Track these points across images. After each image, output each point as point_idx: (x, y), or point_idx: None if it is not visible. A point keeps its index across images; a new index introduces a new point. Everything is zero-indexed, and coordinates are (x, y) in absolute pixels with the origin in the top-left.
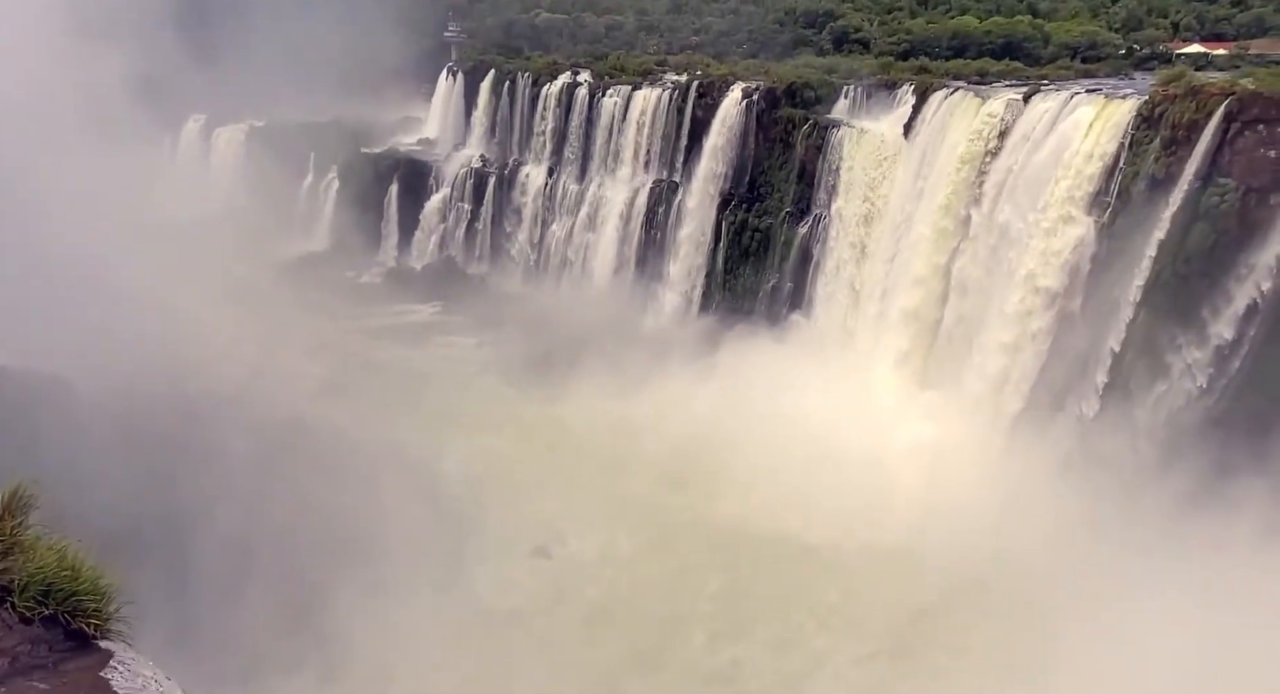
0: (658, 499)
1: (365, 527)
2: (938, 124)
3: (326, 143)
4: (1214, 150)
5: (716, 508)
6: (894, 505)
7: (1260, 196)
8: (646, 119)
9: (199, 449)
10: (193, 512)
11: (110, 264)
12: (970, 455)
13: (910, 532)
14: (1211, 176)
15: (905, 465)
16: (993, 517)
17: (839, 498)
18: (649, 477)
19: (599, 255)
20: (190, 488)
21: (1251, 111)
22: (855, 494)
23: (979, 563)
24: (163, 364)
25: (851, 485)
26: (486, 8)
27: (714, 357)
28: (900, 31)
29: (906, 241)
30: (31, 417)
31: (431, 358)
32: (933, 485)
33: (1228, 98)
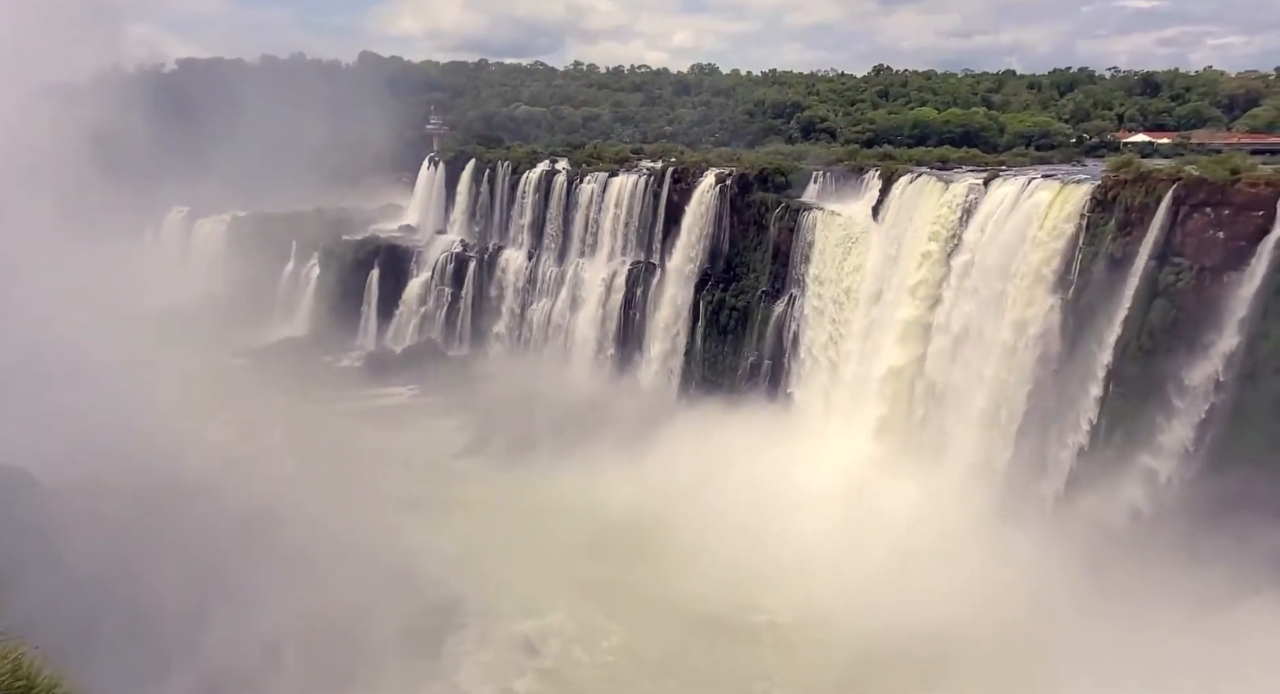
0: (635, 579)
1: (341, 620)
2: (904, 206)
3: (308, 231)
4: (1166, 231)
5: (695, 587)
6: (872, 580)
7: (1214, 275)
8: (623, 203)
9: (166, 542)
10: (158, 607)
11: (84, 354)
12: (947, 531)
13: (882, 605)
14: (1166, 256)
15: (884, 541)
16: (965, 591)
17: (821, 574)
18: (630, 556)
19: (578, 335)
20: (155, 583)
21: (1198, 196)
22: (839, 568)
23: (953, 637)
24: (132, 454)
25: (832, 560)
26: (468, 101)
27: (694, 434)
28: (864, 121)
29: (880, 319)
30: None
31: (409, 440)
32: (909, 561)
33: (1174, 183)
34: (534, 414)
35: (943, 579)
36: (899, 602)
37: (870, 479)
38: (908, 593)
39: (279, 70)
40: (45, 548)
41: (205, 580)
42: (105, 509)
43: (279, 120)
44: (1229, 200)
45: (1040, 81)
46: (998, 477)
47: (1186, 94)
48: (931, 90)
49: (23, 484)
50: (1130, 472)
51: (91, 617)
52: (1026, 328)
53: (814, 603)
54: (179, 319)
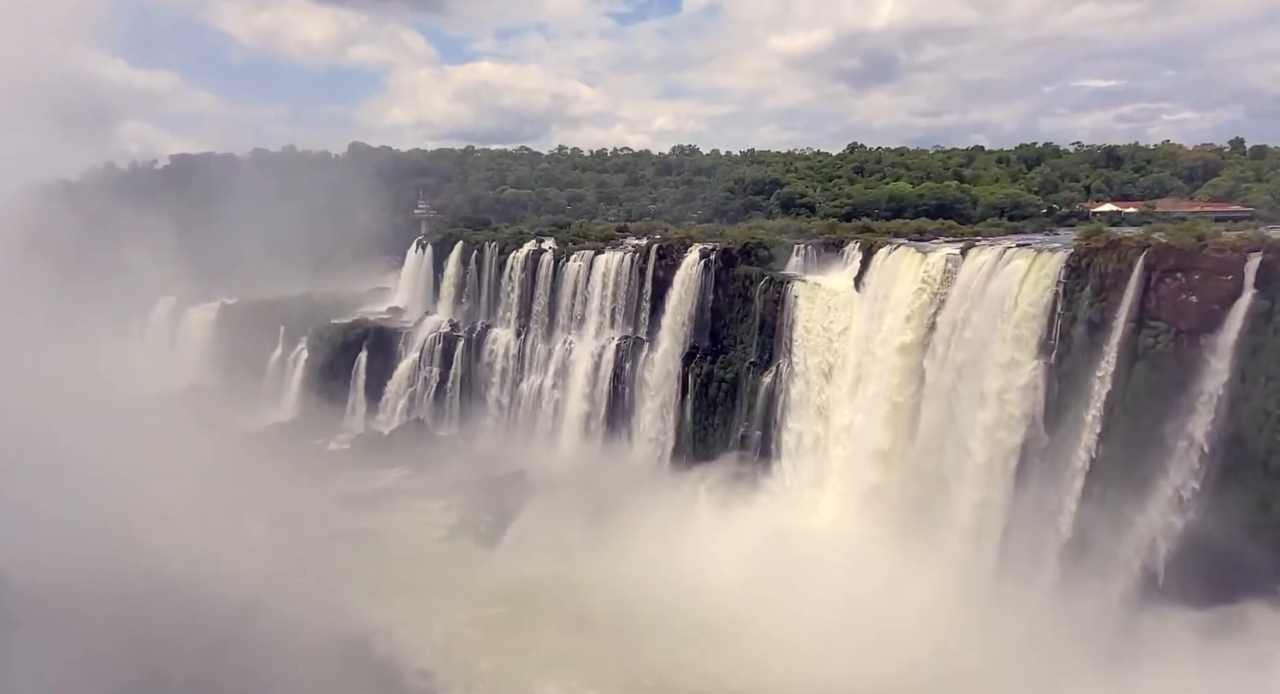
0: (626, 657)
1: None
2: (885, 276)
3: (296, 316)
4: (1141, 295)
5: (685, 663)
6: (865, 655)
7: (1191, 337)
8: (610, 280)
9: (146, 639)
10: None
11: (64, 447)
12: (942, 602)
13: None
14: (1143, 319)
15: (877, 616)
16: (961, 664)
17: (811, 652)
18: (620, 633)
19: (568, 411)
20: (133, 682)
21: (1168, 261)
22: (830, 644)
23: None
24: (113, 548)
25: (823, 636)
26: (455, 186)
27: (685, 508)
28: (841, 196)
29: (866, 389)
30: None
31: (398, 523)
32: (903, 636)
33: (1145, 249)
34: (523, 493)
35: (938, 651)
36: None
37: (863, 550)
38: (904, 670)
39: (270, 162)
40: (20, 647)
41: (185, 679)
42: (83, 607)
43: (269, 210)
44: (1198, 265)
45: (1008, 156)
46: (991, 544)
47: (1148, 165)
48: (905, 165)
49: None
50: (1125, 535)
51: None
52: (1012, 391)
53: (800, 681)
54: (166, 408)
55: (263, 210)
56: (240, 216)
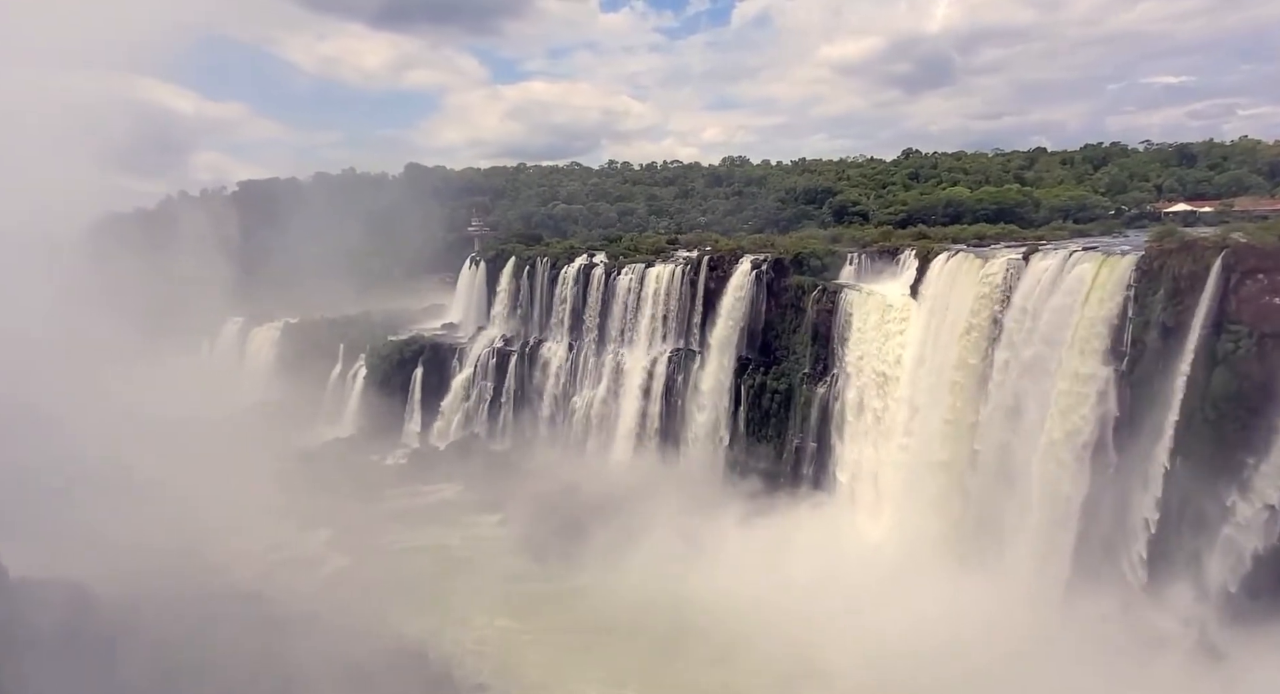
0: (682, 673)
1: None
2: (943, 284)
3: (355, 333)
4: (1219, 299)
5: (739, 681)
6: (923, 678)
7: (1276, 341)
8: (661, 293)
9: (217, 652)
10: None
11: (140, 467)
12: (1013, 628)
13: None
14: (1222, 323)
15: (937, 637)
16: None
17: (863, 668)
18: (676, 649)
19: (621, 424)
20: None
21: (1249, 262)
22: (884, 660)
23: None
24: (182, 562)
25: (877, 652)
26: (508, 202)
27: (739, 521)
28: (896, 203)
29: (925, 399)
30: (47, 628)
31: (454, 538)
32: (967, 660)
33: (1223, 250)
34: (577, 506)
35: (1004, 668)
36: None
37: (923, 565)
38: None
39: (331, 185)
40: (102, 661)
41: (266, 685)
42: (159, 621)
43: (330, 231)
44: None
45: (1073, 157)
46: (1061, 561)
47: (1224, 163)
48: (963, 170)
49: (80, 598)
50: (1206, 550)
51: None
52: (1080, 400)
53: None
54: (234, 426)
55: (324, 231)
56: (303, 238)
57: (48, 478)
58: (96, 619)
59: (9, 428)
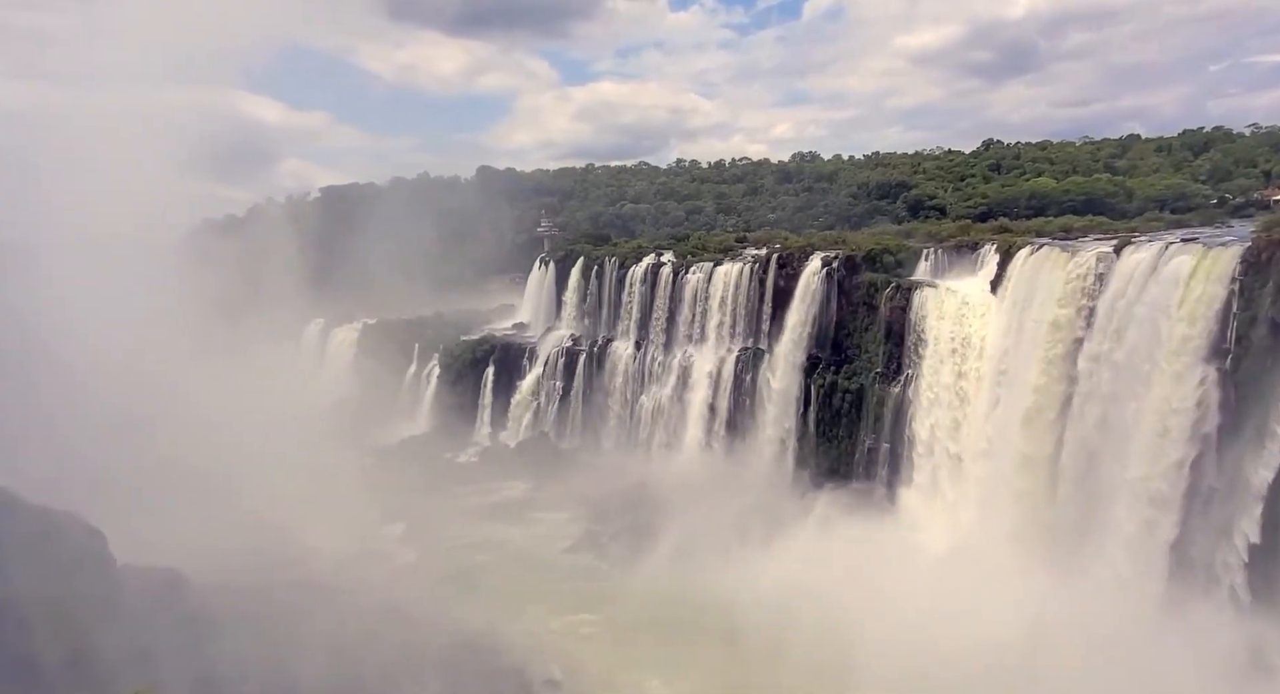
0: (746, 674)
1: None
2: (1027, 279)
3: (429, 334)
4: None
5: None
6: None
7: None
8: (729, 291)
9: (301, 639)
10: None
11: (232, 460)
12: (1098, 636)
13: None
14: None
15: (1022, 646)
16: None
17: (947, 681)
18: (745, 651)
19: (688, 424)
20: (294, 680)
21: None
22: (967, 671)
23: None
24: (271, 553)
25: (961, 662)
26: (576, 203)
27: (809, 523)
28: (975, 196)
29: (1007, 399)
30: (150, 612)
31: (523, 534)
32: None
33: None
34: (645, 505)
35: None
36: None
37: (1004, 572)
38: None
39: (406, 189)
40: (194, 642)
41: (339, 677)
42: (248, 607)
43: (405, 234)
44: None
45: (1169, 143)
46: (1156, 569)
47: None
48: (1048, 160)
49: (175, 583)
50: None
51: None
52: (1178, 400)
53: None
54: (315, 423)
55: (399, 234)
56: (380, 240)
57: (149, 472)
58: (189, 603)
59: (114, 425)
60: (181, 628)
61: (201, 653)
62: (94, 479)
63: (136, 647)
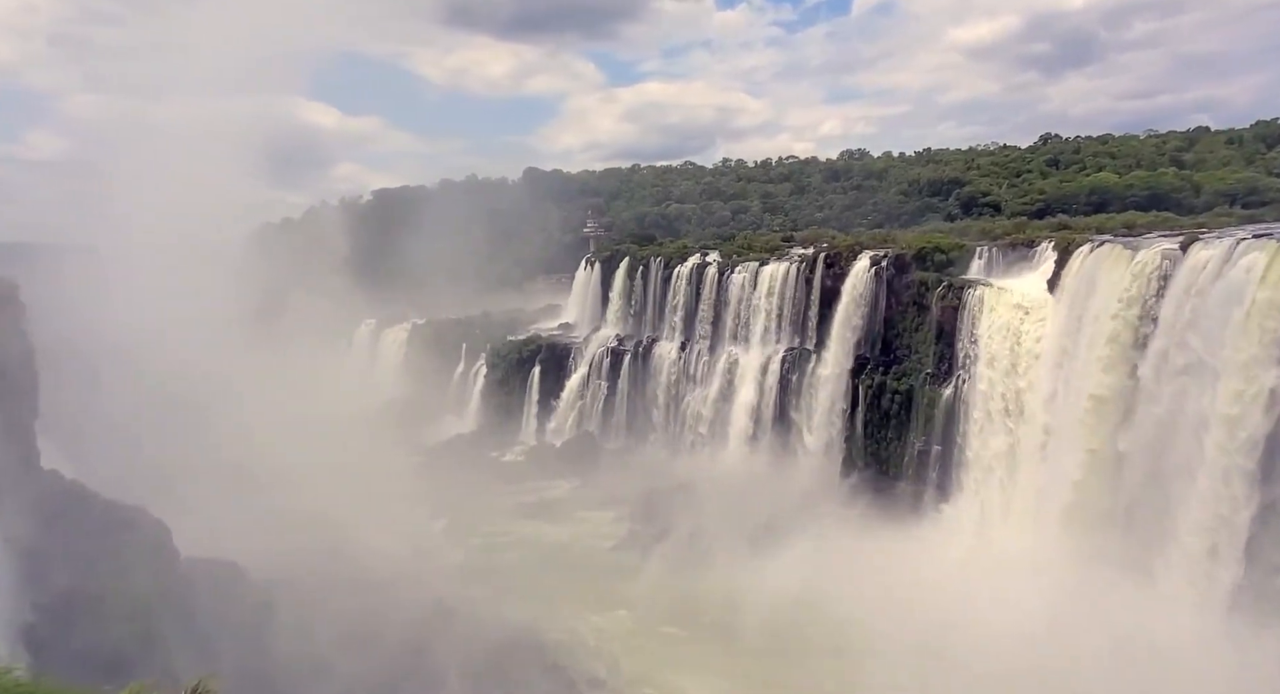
0: (788, 677)
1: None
2: (1085, 278)
3: (476, 333)
4: None
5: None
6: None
7: None
8: (775, 291)
9: (356, 632)
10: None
11: (286, 457)
12: (1177, 655)
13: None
14: None
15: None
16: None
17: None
18: (788, 654)
19: (734, 425)
20: (351, 670)
21: None
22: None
23: None
24: (326, 547)
25: (1015, 674)
26: (622, 204)
27: (857, 526)
28: (1032, 192)
29: (1065, 400)
30: (212, 604)
31: (569, 533)
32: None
33: None
34: (689, 505)
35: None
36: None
37: (1059, 578)
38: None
39: (455, 191)
40: (254, 634)
41: (390, 673)
42: (303, 601)
43: (454, 235)
44: None
45: (1241, 135)
46: (1226, 581)
47: None
48: (1109, 154)
49: (236, 576)
50: None
51: (293, 690)
52: (1249, 404)
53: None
54: (366, 422)
55: (448, 236)
56: (429, 242)
57: (206, 468)
58: (248, 597)
59: (174, 422)
60: (242, 620)
61: (260, 645)
62: (157, 474)
63: (200, 637)
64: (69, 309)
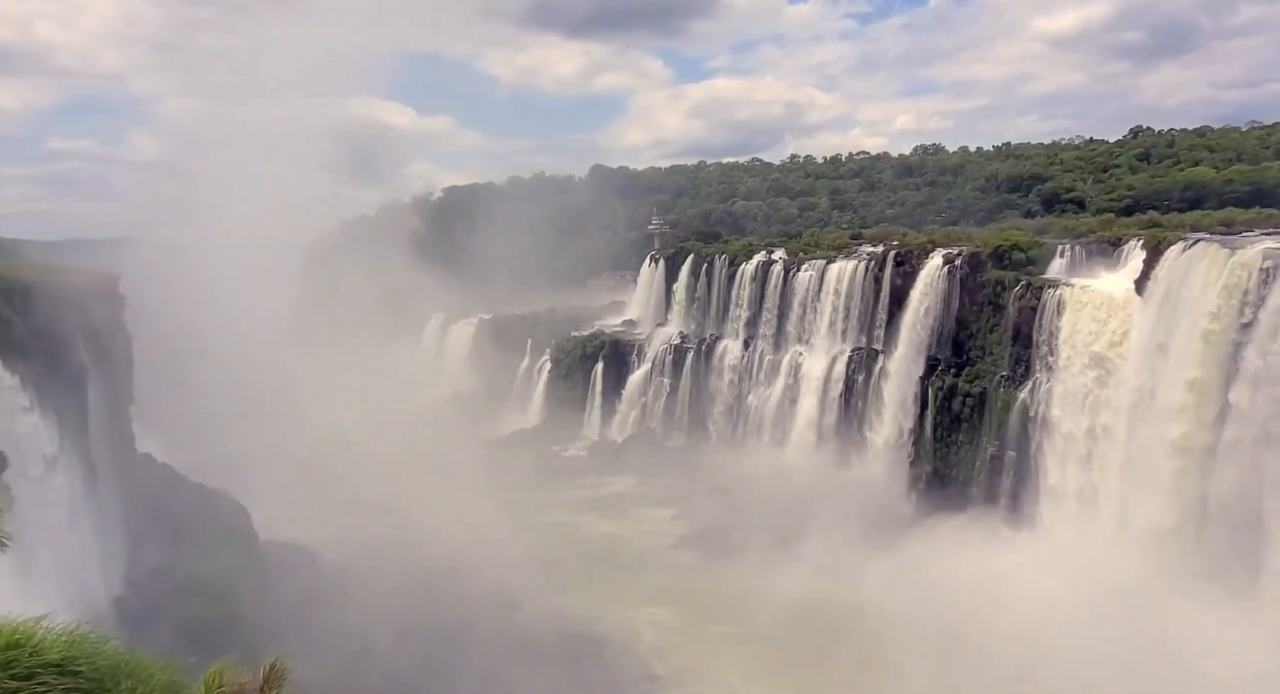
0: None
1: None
2: (1177, 279)
3: (541, 329)
4: None
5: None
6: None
7: None
8: (843, 289)
9: (422, 618)
10: (420, 676)
11: (359, 448)
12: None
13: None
14: None
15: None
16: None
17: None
18: (848, 662)
19: (797, 425)
20: (416, 653)
21: None
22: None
23: None
24: (393, 536)
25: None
26: (687, 201)
27: (924, 533)
28: (1120, 188)
29: (1152, 405)
30: (288, 586)
31: (629, 529)
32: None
33: None
34: (750, 506)
35: None
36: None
37: (1145, 595)
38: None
39: (522, 188)
40: (327, 617)
41: (452, 661)
42: (372, 587)
43: (520, 232)
44: None
45: None
46: None
47: None
48: (1206, 147)
49: (310, 560)
50: None
51: (362, 673)
52: None
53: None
54: (433, 414)
55: (515, 232)
56: (496, 239)
57: (281, 456)
58: (322, 580)
59: (254, 409)
60: (316, 602)
61: (333, 628)
62: (237, 460)
63: (277, 617)
64: (160, 301)
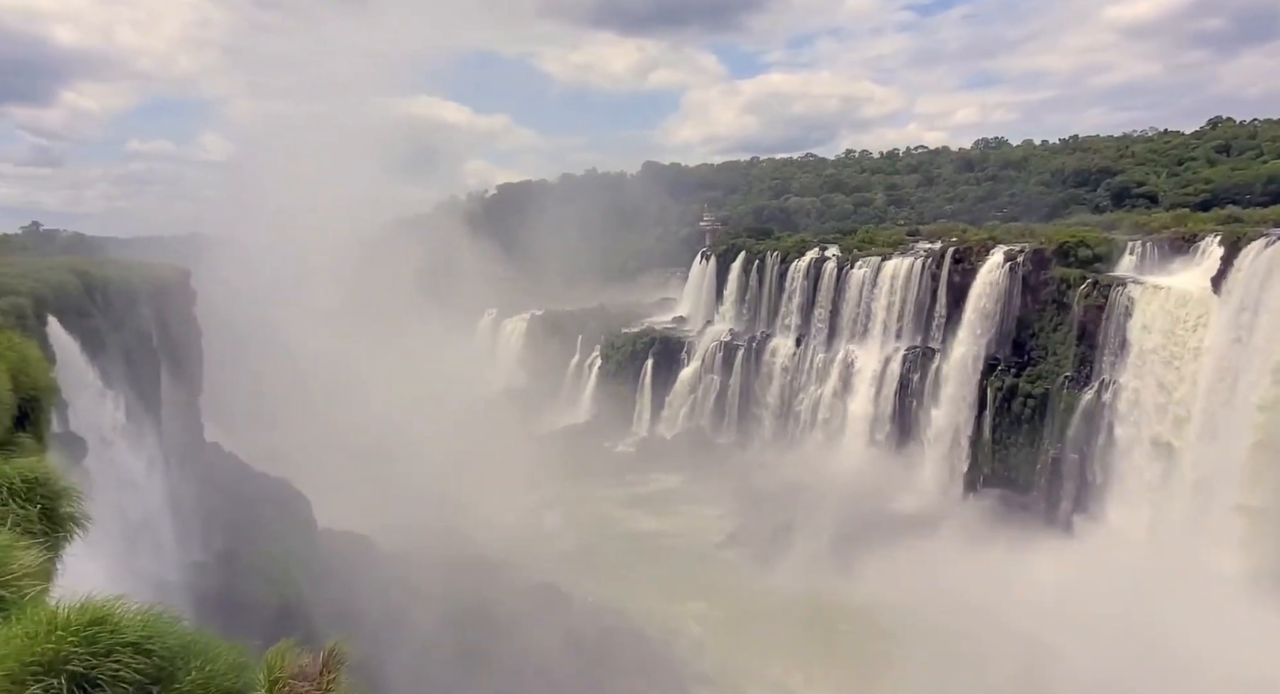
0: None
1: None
2: (1258, 276)
3: (592, 325)
4: None
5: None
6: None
7: None
8: (898, 287)
9: (475, 606)
10: (473, 661)
11: (415, 440)
12: None
13: None
14: None
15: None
16: None
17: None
18: (895, 665)
19: (849, 423)
20: (469, 640)
21: None
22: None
23: None
24: (446, 525)
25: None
26: (739, 197)
27: (986, 540)
28: (1197, 181)
29: (1228, 408)
30: (346, 573)
31: (676, 526)
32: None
33: None
34: (799, 506)
35: None
36: None
37: (1215, 608)
38: None
39: (574, 185)
40: (383, 601)
41: (503, 650)
42: (426, 575)
43: (573, 228)
44: None
45: None
46: None
47: None
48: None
49: (367, 548)
50: None
51: (416, 659)
52: None
53: None
54: (485, 409)
55: (567, 229)
56: (549, 235)
57: (339, 447)
58: (378, 568)
59: (314, 402)
60: (372, 589)
61: (388, 614)
62: (297, 450)
63: (335, 602)
64: (226, 296)
